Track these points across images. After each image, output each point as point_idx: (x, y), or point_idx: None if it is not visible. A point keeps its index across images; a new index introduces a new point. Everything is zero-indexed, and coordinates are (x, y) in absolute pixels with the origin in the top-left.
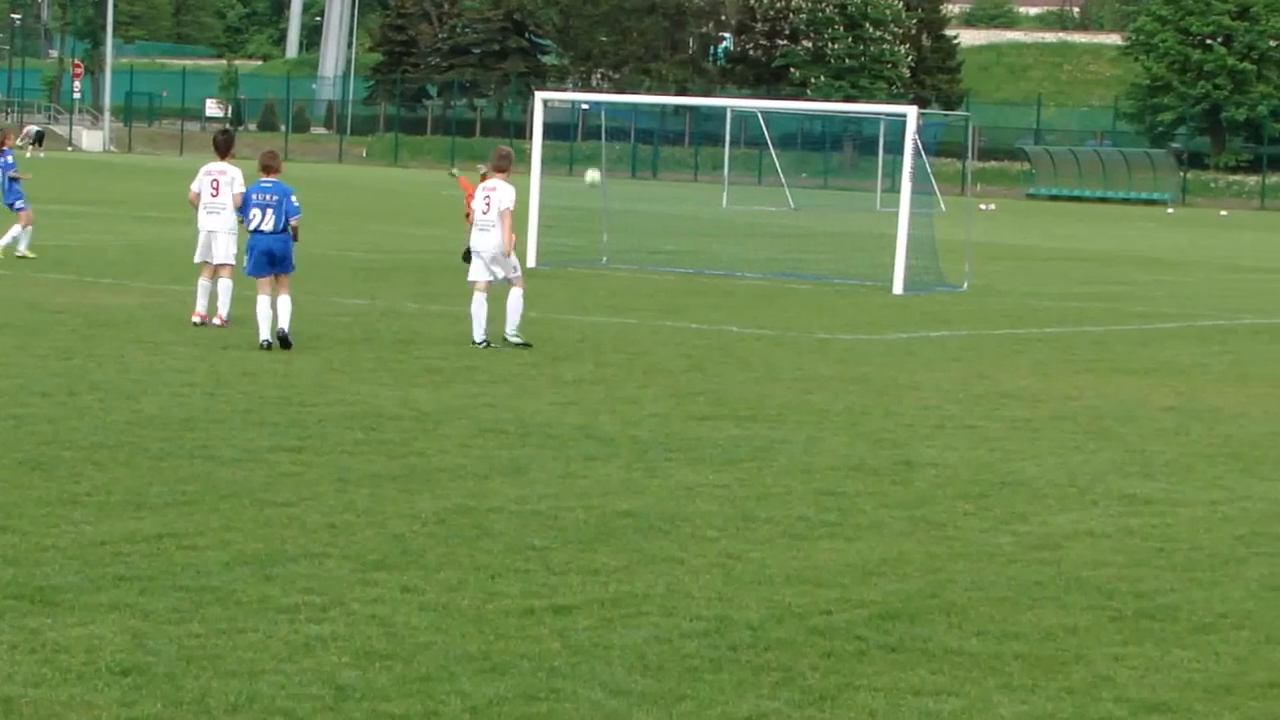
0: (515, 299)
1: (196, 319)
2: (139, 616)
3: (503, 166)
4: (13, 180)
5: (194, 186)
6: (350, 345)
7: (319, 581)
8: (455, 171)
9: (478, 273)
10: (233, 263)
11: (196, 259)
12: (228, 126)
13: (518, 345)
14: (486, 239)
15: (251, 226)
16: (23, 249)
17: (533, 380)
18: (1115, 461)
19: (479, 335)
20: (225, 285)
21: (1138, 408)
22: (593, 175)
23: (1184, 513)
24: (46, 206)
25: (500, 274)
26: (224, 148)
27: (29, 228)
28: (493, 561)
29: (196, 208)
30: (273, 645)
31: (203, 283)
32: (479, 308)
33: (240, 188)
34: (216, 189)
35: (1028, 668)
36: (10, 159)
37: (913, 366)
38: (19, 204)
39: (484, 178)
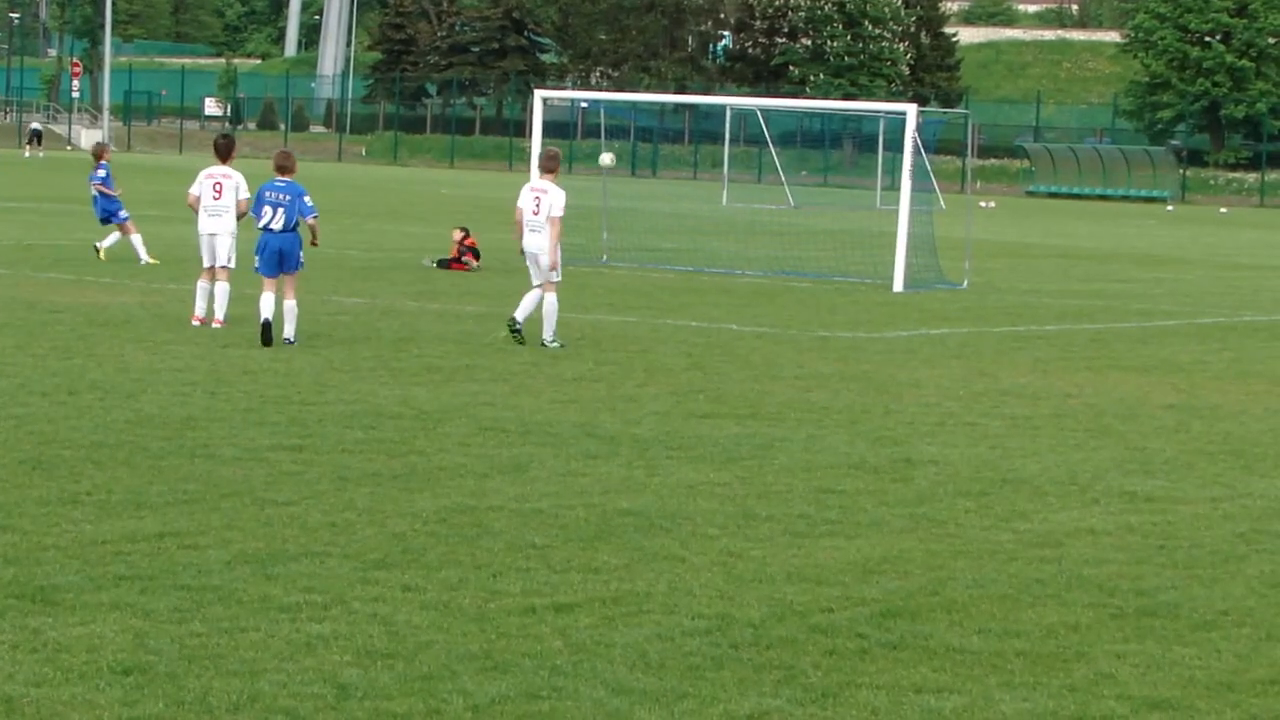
0: (550, 305)
1: (196, 322)
2: (140, 616)
3: (551, 168)
4: (104, 194)
5: (193, 190)
6: (350, 344)
7: (320, 580)
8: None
9: (537, 275)
10: (232, 265)
11: (206, 263)
12: (228, 131)
13: (556, 348)
14: (538, 239)
15: (261, 224)
16: (145, 257)
17: (533, 378)
18: (1116, 459)
19: (518, 316)
20: (223, 288)
21: (1138, 405)
22: (607, 158)
23: (1185, 510)
24: (45, 205)
25: (543, 277)
26: (225, 152)
27: (137, 235)
28: (494, 560)
29: (196, 210)
30: (274, 644)
31: (202, 285)
32: (531, 298)
33: (245, 193)
34: (219, 192)
35: (1029, 665)
36: (103, 173)
37: (913, 364)
38: (122, 214)
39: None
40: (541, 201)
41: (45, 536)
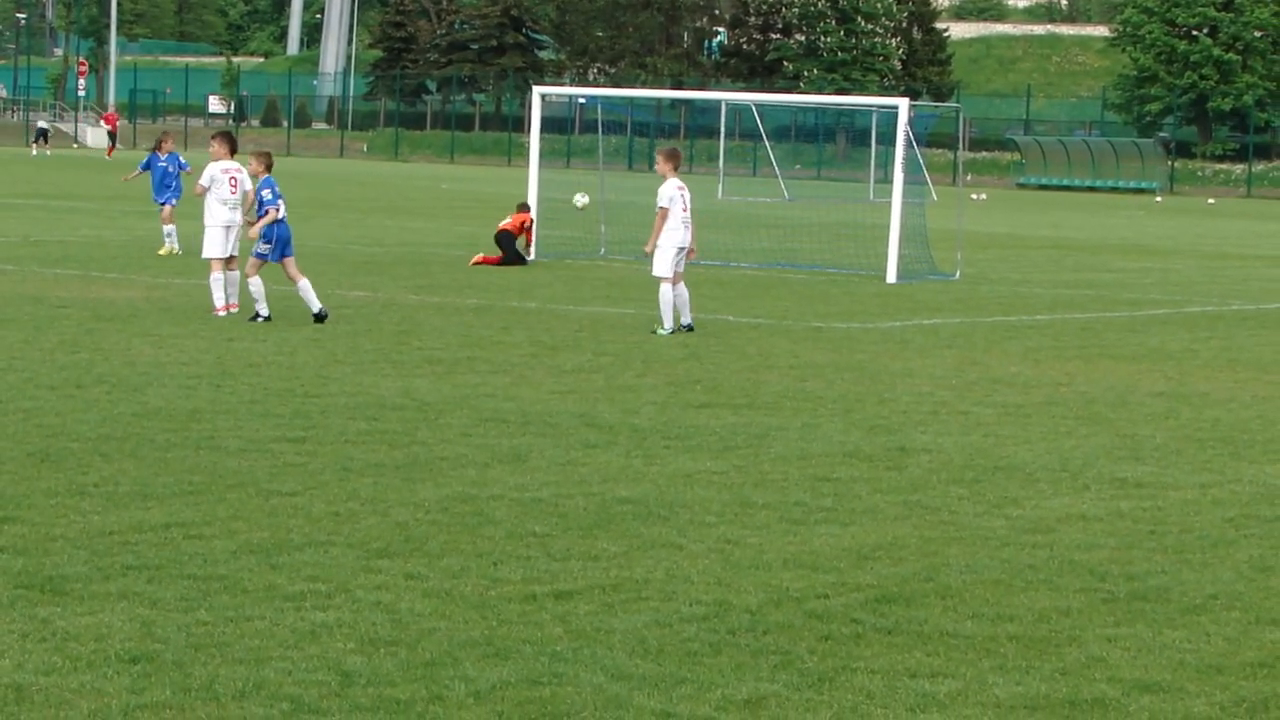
0: (684, 292)
1: (223, 311)
2: (147, 605)
3: (679, 164)
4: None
5: (203, 181)
6: (352, 337)
7: (324, 569)
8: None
9: (681, 266)
10: (236, 254)
11: (218, 254)
12: (228, 128)
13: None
14: (689, 235)
15: (282, 214)
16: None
17: (532, 369)
18: (1106, 446)
19: (686, 319)
20: (235, 276)
21: (1128, 393)
22: (581, 199)
23: (1174, 496)
24: (51, 202)
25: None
26: (234, 147)
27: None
28: (494, 548)
29: (202, 199)
30: (279, 632)
31: (216, 276)
32: (678, 294)
33: (249, 185)
34: (235, 186)
35: (1022, 649)
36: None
37: (906, 354)
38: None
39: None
40: (687, 197)
41: (53, 527)
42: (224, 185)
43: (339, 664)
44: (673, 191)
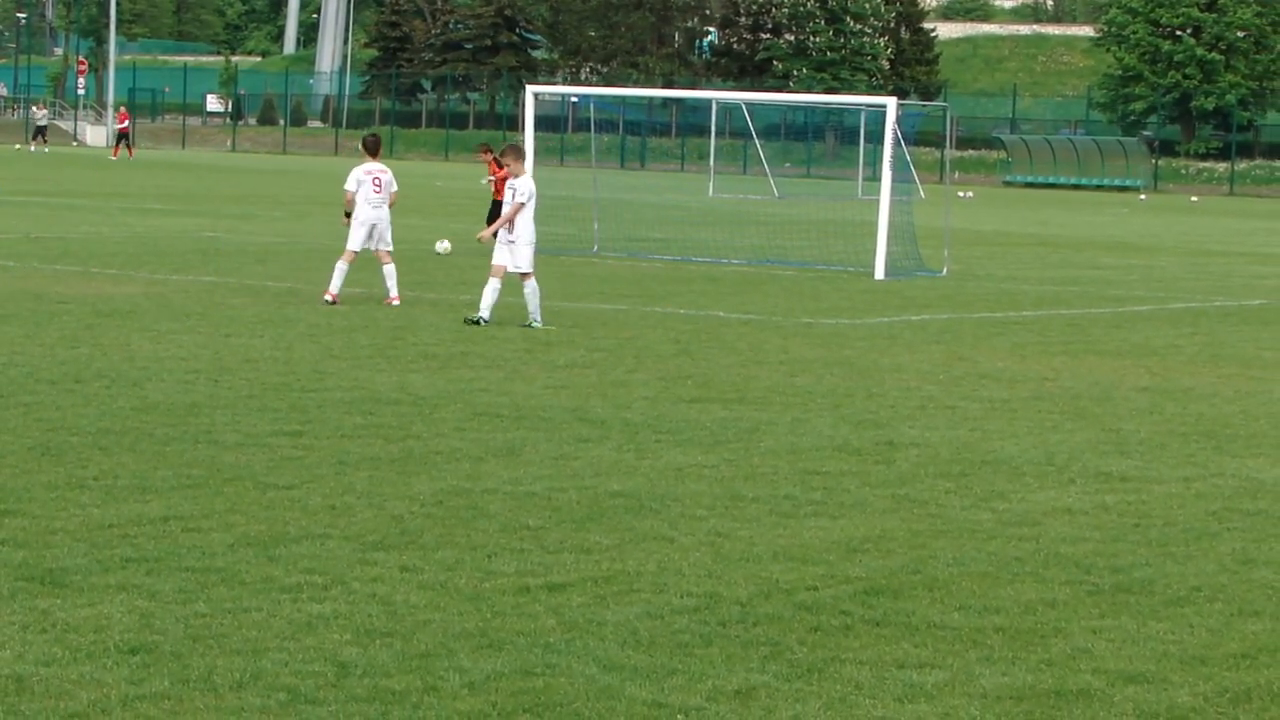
0: (537, 289)
1: (328, 298)
2: (146, 597)
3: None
4: None
5: (350, 186)
6: (348, 332)
7: (320, 562)
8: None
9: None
10: (391, 247)
11: (354, 246)
12: (375, 131)
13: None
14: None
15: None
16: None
17: (525, 365)
18: (1091, 440)
19: (537, 317)
20: (391, 270)
21: (1113, 388)
22: (443, 246)
23: (1158, 489)
24: (51, 200)
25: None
26: (374, 150)
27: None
28: (489, 541)
29: (353, 204)
30: (276, 624)
31: (341, 266)
32: (532, 290)
33: (395, 186)
34: (378, 186)
35: (1008, 641)
36: None
37: (894, 349)
38: None
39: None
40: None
41: (54, 520)
42: (367, 185)
43: (335, 655)
44: (533, 187)
